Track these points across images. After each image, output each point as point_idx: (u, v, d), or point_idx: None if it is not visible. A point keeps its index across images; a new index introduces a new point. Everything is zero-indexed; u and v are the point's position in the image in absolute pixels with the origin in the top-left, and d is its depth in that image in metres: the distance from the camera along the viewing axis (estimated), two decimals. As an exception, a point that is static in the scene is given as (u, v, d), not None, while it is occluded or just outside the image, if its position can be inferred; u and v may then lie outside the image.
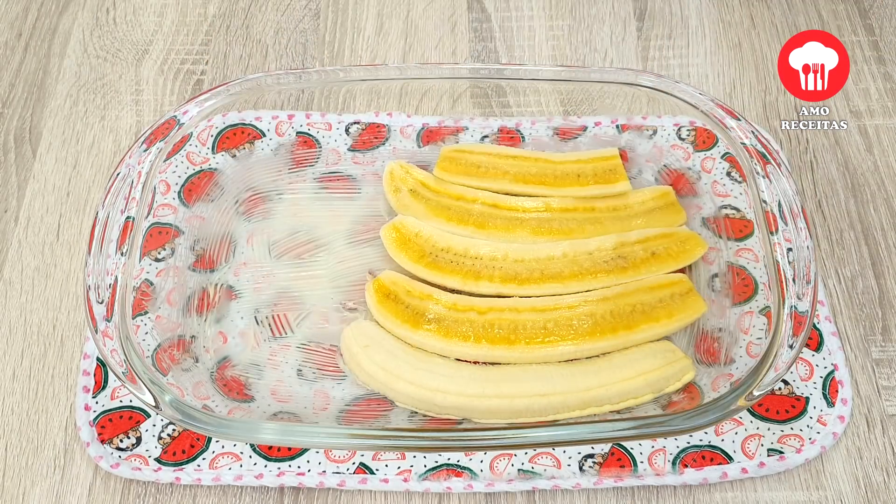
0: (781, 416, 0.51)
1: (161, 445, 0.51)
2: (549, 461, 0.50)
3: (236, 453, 0.51)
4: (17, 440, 0.52)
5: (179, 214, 0.58)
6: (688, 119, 0.61)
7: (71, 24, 0.72)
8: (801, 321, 0.46)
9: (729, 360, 0.51)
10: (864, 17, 0.71)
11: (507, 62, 0.69)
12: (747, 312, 0.53)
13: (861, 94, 0.66)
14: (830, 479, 0.50)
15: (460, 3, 0.73)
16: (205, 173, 0.59)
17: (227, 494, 0.50)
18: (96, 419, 0.52)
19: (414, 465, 0.50)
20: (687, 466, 0.50)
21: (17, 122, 0.66)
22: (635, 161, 0.62)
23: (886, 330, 0.56)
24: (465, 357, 0.53)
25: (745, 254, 0.55)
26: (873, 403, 0.53)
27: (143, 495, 0.50)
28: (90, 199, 0.62)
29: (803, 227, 0.49)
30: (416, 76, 0.59)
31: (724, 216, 0.57)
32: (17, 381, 0.54)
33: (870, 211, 0.61)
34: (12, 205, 0.62)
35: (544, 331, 0.53)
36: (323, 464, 0.50)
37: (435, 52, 0.70)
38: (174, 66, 0.69)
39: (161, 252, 0.56)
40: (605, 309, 0.54)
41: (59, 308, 0.57)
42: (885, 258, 0.59)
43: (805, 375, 0.53)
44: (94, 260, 0.49)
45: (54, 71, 0.69)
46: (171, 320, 0.53)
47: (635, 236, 0.57)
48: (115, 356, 0.46)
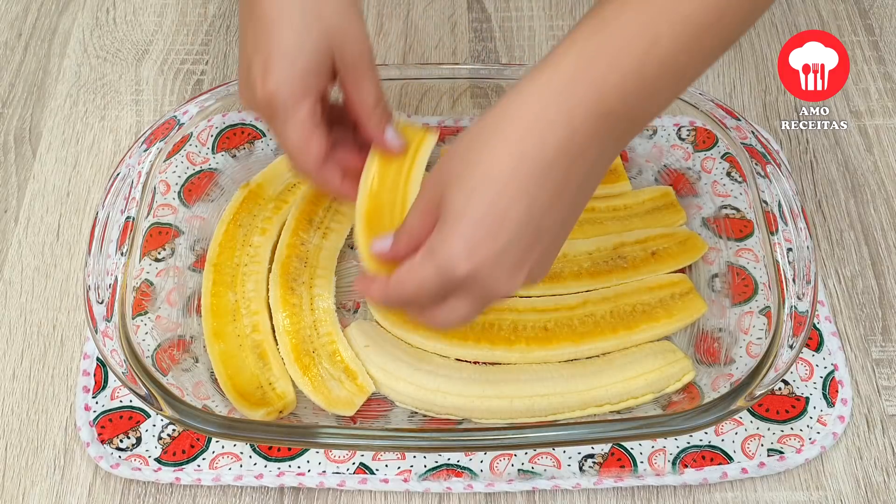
0: (781, 416, 0.51)
1: (161, 445, 0.51)
2: (549, 461, 0.50)
3: (236, 453, 0.51)
4: (17, 440, 0.52)
5: (179, 214, 0.58)
6: (688, 119, 0.61)
7: (71, 24, 0.72)
8: (801, 321, 0.46)
9: (729, 360, 0.51)
10: (864, 17, 0.71)
11: (507, 62, 0.69)
12: (747, 312, 0.53)
13: (861, 94, 0.66)
14: (830, 479, 0.50)
15: (460, 3, 0.73)
16: (205, 173, 0.59)
17: (227, 494, 0.50)
18: (96, 419, 0.52)
19: (414, 466, 0.50)
20: (687, 466, 0.50)
21: (17, 122, 0.66)
22: (635, 161, 0.62)
23: (886, 330, 0.56)
24: (465, 357, 0.53)
25: (745, 254, 0.55)
26: (873, 403, 0.53)
27: (143, 495, 0.50)
28: (90, 199, 0.62)
29: (803, 227, 0.49)
30: (416, 76, 0.59)
31: (724, 216, 0.57)
32: (17, 381, 0.54)
33: (870, 211, 0.61)
34: (12, 205, 0.62)
35: (544, 331, 0.53)
36: (323, 464, 0.50)
37: (435, 52, 0.70)
38: (174, 66, 0.69)
39: (161, 252, 0.56)
40: (605, 309, 0.54)
41: (59, 308, 0.57)
42: (885, 258, 0.59)
43: (805, 375, 0.53)
44: (94, 260, 0.49)
45: (54, 71, 0.69)
46: (171, 320, 0.53)
47: (635, 236, 0.57)
48: (115, 356, 0.46)
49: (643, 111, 0.40)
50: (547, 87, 0.38)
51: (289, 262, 0.55)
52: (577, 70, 0.38)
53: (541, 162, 0.38)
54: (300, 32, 0.44)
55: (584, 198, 0.41)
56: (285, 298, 0.53)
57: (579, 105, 0.37)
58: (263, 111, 0.45)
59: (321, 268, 0.55)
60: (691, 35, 0.38)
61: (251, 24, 0.44)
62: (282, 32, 0.43)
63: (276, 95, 0.44)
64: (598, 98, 0.37)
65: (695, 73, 0.40)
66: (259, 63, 0.44)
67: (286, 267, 0.55)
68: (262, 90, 0.44)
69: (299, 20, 0.43)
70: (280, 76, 0.43)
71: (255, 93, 0.44)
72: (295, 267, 0.55)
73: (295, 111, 0.44)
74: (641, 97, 0.38)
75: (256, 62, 0.44)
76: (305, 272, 0.55)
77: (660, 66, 0.38)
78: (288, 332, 0.52)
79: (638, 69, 0.37)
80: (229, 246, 0.56)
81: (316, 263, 0.55)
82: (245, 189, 0.58)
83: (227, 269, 0.55)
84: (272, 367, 0.52)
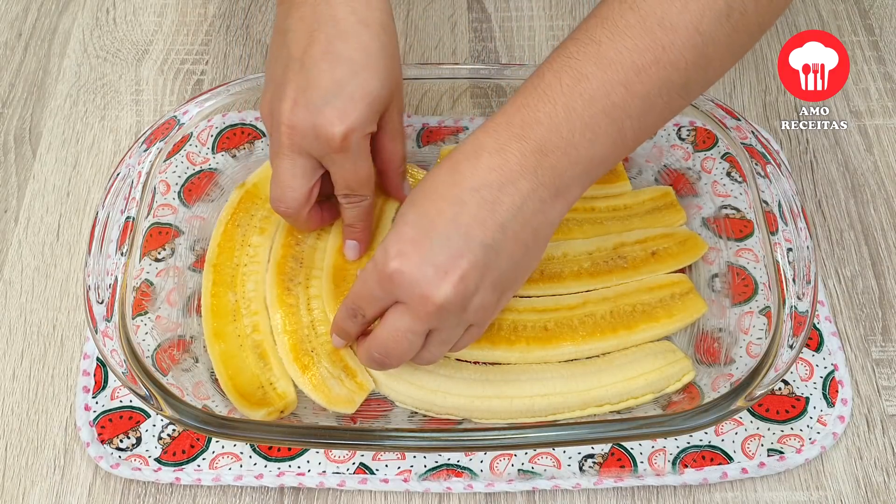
0: (781, 416, 0.51)
1: (161, 445, 0.51)
2: (549, 461, 0.50)
3: (236, 453, 0.51)
4: (17, 440, 0.52)
5: (179, 214, 0.58)
6: (688, 119, 0.61)
7: (71, 24, 0.72)
8: (801, 321, 0.46)
9: (729, 360, 0.51)
10: (864, 17, 0.71)
11: (507, 62, 0.69)
12: (747, 312, 0.53)
13: (861, 94, 0.66)
14: (830, 479, 0.50)
15: (460, 3, 0.73)
16: (205, 173, 0.59)
17: (227, 494, 0.50)
18: (96, 419, 0.52)
19: (414, 466, 0.50)
20: (687, 466, 0.50)
21: (17, 122, 0.66)
22: (635, 161, 0.62)
23: (886, 330, 0.56)
24: (465, 357, 0.53)
25: (745, 254, 0.55)
26: (873, 403, 0.53)
27: (143, 495, 0.50)
28: (90, 199, 0.62)
29: (803, 227, 0.49)
30: (416, 76, 0.59)
31: (724, 216, 0.57)
32: (17, 381, 0.54)
33: (870, 211, 0.61)
34: (12, 205, 0.62)
35: (544, 331, 0.53)
36: (323, 464, 0.50)
37: (435, 52, 0.70)
38: (174, 66, 0.69)
39: (161, 252, 0.56)
40: (605, 309, 0.54)
41: (59, 308, 0.57)
42: (885, 258, 0.59)
43: (805, 375, 0.53)
44: (94, 260, 0.49)
45: (54, 71, 0.69)
46: (171, 320, 0.53)
47: (635, 236, 0.57)
48: (115, 356, 0.46)
49: (578, 147, 0.42)
50: (491, 121, 0.43)
51: (284, 262, 0.55)
52: (513, 107, 0.42)
53: (473, 180, 0.41)
54: (382, 79, 0.46)
55: (524, 229, 0.42)
56: (282, 298, 0.53)
57: (512, 136, 0.42)
58: (325, 142, 0.46)
59: (317, 268, 0.55)
60: (623, 77, 0.41)
61: (326, 56, 0.46)
62: (364, 76, 0.46)
63: (356, 131, 0.46)
64: (525, 127, 0.42)
65: (638, 113, 0.42)
66: (343, 98, 0.45)
67: (282, 266, 0.55)
68: (342, 123, 0.45)
69: (383, 67, 0.46)
70: (362, 115, 0.46)
71: (323, 120, 0.45)
72: (291, 267, 0.55)
73: (365, 149, 0.48)
74: (574, 130, 0.41)
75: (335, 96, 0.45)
76: (301, 272, 0.55)
77: (590, 101, 0.41)
78: (286, 331, 0.52)
79: (566, 103, 0.41)
80: (228, 246, 0.56)
81: (311, 264, 0.55)
82: (241, 189, 0.58)
83: (227, 270, 0.55)
84: (273, 367, 0.52)
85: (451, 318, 0.43)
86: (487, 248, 0.41)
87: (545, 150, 0.41)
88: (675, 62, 0.41)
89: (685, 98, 0.44)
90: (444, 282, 0.41)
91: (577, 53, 0.42)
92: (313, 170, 0.48)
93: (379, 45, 0.46)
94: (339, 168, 0.48)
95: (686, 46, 0.41)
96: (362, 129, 0.46)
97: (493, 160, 0.41)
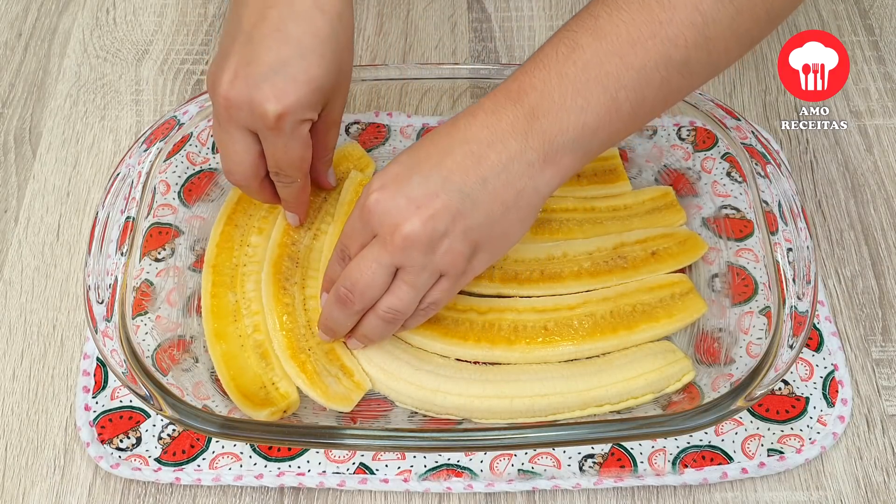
0: (781, 416, 0.51)
1: (161, 445, 0.51)
2: (549, 461, 0.50)
3: (236, 453, 0.51)
4: (17, 440, 0.52)
5: (179, 214, 0.58)
6: (688, 119, 0.61)
7: (71, 24, 0.72)
8: (801, 321, 0.46)
9: (729, 360, 0.51)
10: (864, 17, 0.71)
11: (507, 62, 0.69)
12: (747, 312, 0.53)
13: (861, 94, 0.66)
14: (830, 479, 0.50)
15: (460, 3, 0.73)
16: (205, 173, 0.59)
17: (227, 494, 0.50)
18: (96, 419, 0.52)
19: (414, 466, 0.50)
20: (687, 466, 0.50)
21: (17, 122, 0.66)
22: (635, 161, 0.62)
23: (886, 330, 0.56)
24: (465, 357, 0.53)
25: (745, 254, 0.55)
26: (873, 403, 0.53)
27: (143, 495, 0.50)
28: (90, 199, 0.62)
29: (803, 227, 0.49)
30: (416, 76, 0.59)
31: (724, 216, 0.57)
32: (17, 381, 0.54)
33: (870, 211, 0.61)
34: (12, 205, 0.62)
35: (544, 331, 0.53)
36: (323, 464, 0.50)
37: (435, 52, 0.70)
38: (174, 66, 0.69)
39: (161, 252, 0.56)
40: (605, 309, 0.54)
41: (59, 308, 0.57)
42: (885, 258, 0.59)
43: (805, 375, 0.53)
44: (94, 260, 0.49)
45: (54, 71, 0.69)
46: (171, 320, 0.53)
47: (635, 236, 0.57)
48: (115, 356, 0.46)
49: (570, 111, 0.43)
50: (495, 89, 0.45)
51: (280, 262, 0.55)
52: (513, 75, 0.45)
53: (465, 133, 0.44)
54: (328, 66, 0.46)
55: (506, 189, 0.44)
56: (278, 297, 0.53)
57: (508, 100, 0.44)
58: (259, 118, 0.46)
59: (312, 269, 0.55)
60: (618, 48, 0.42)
61: (274, 34, 0.45)
62: (310, 60, 0.46)
63: (292, 113, 0.46)
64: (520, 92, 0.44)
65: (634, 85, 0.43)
66: (285, 77, 0.45)
67: (278, 266, 0.55)
68: (278, 102, 0.45)
69: (331, 55, 0.46)
70: (301, 98, 0.46)
71: (260, 97, 0.45)
72: (287, 267, 0.55)
73: (300, 134, 0.47)
74: (565, 95, 0.43)
75: (275, 73, 0.45)
76: (297, 272, 0.55)
77: (583, 69, 0.43)
78: (283, 329, 0.52)
79: (559, 70, 0.43)
80: (227, 247, 0.56)
81: (307, 264, 0.55)
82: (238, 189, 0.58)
83: (226, 270, 0.55)
84: (275, 367, 0.52)
85: (418, 256, 0.44)
86: (464, 196, 0.43)
87: (536, 113, 0.43)
88: (673, 38, 0.42)
89: (687, 78, 0.44)
90: (414, 215, 0.43)
91: (576, 27, 0.44)
92: (253, 143, 0.48)
93: (331, 33, 0.46)
94: (271, 146, 0.48)
95: (685, 24, 0.42)
96: (299, 113, 0.46)
97: (487, 119, 0.44)
